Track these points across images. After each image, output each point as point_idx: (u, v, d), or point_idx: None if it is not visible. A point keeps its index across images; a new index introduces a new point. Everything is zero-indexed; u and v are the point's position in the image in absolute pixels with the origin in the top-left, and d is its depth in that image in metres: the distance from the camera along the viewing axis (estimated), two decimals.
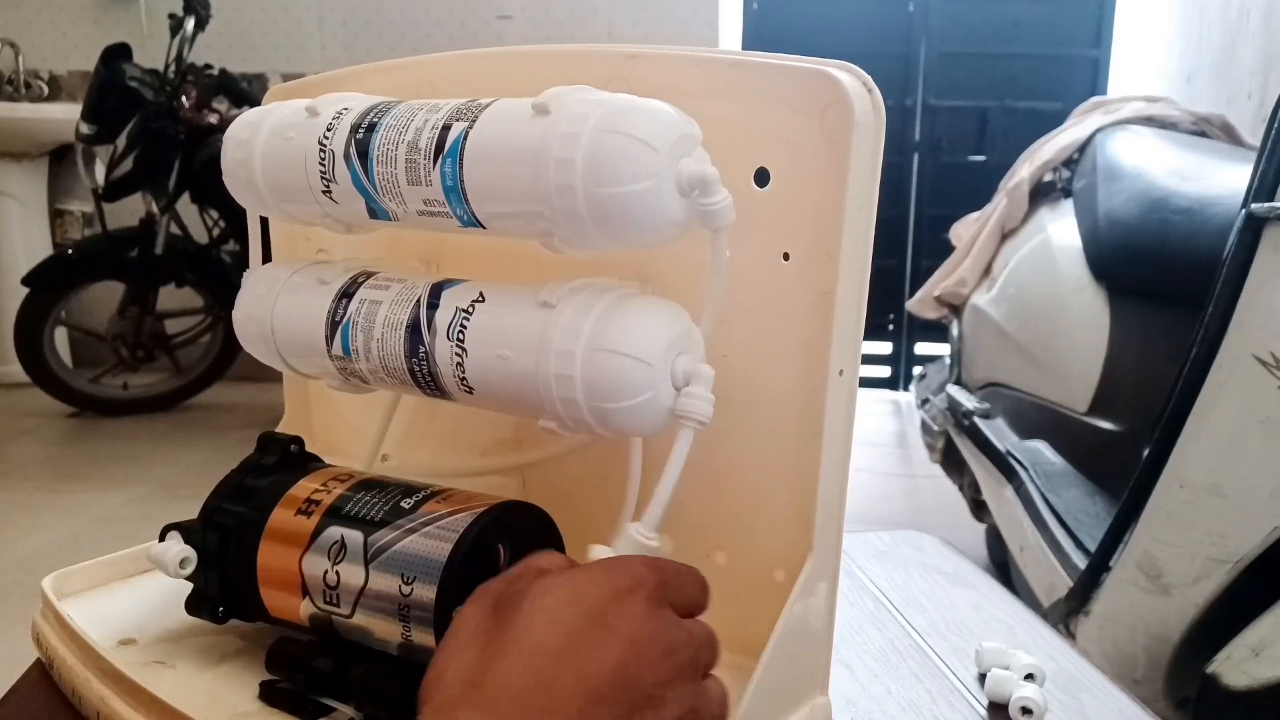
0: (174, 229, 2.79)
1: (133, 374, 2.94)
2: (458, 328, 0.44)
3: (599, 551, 0.40)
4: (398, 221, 0.47)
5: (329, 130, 0.47)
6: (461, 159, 0.42)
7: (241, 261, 2.83)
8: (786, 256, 0.45)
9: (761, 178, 0.45)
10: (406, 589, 0.42)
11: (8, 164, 3.13)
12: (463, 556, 0.42)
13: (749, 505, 0.49)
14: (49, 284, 2.79)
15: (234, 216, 2.76)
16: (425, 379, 0.46)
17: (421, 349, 0.45)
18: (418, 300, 0.46)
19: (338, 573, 0.44)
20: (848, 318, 0.44)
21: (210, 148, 2.68)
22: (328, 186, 0.47)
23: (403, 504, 0.45)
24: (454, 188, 0.42)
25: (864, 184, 0.43)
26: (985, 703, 0.52)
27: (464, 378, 0.45)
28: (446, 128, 0.43)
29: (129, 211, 2.83)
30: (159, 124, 2.61)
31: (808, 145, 0.43)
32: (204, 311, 2.96)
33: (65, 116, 2.89)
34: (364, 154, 0.45)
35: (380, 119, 0.45)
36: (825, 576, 0.47)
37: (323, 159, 0.47)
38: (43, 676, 0.52)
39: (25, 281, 2.77)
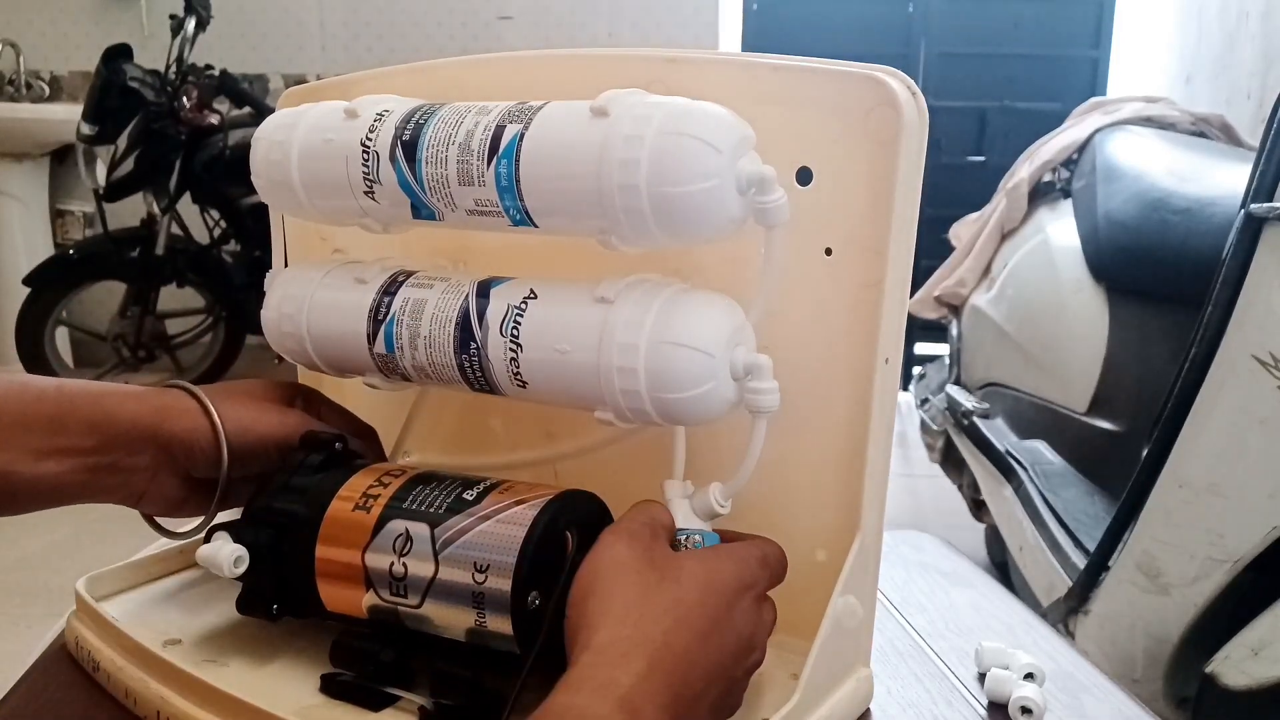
0: (175, 229, 2.78)
1: (134, 374, 2.94)
2: (511, 324, 0.45)
3: (674, 488, 0.46)
4: (442, 221, 0.48)
5: (372, 132, 0.47)
6: (518, 160, 0.43)
7: (243, 261, 2.83)
8: (829, 251, 0.47)
9: (803, 176, 0.46)
10: (480, 578, 0.43)
11: (9, 164, 3.13)
12: (536, 545, 0.43)
13: (792, 489, 0.50)
14: (50, 284, 2.79)
15: (235, 217, 2.76)
16: (475, 374, 0.47)
17: (473, 344, 0.47)
18: (466, 297, 0.47)
19: (405, 565, 0.44)
20: (893, 309, 0.45)
21: (211, 148, 2.67)
22: (370, 187, 0.48)
23: (465, 496, 0.46)
24: (509, 188, 0.44)
25: (910, 182, 0.44)
26: (985, 702, 0.53)
27: (518, 372, 0.46)
28: (500, 129, 0.44)
29: (130, 212, 2.83)
30: (160, 124, 2.61)
31: (851, 146, 0.45)
32: (205, 312, 2.96)
33: (66, 117, 2.88)
34: (411, 155, 0.46)
35: (426, 120, 0.46)
36: (871, 557, 0.48)
37: (366, 160, 0.48)
38: (49, 674, 0.52)
39: (26, 282, 2.76)
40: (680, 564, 0.41)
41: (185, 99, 2.63)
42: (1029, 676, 0.53)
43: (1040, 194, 1.83)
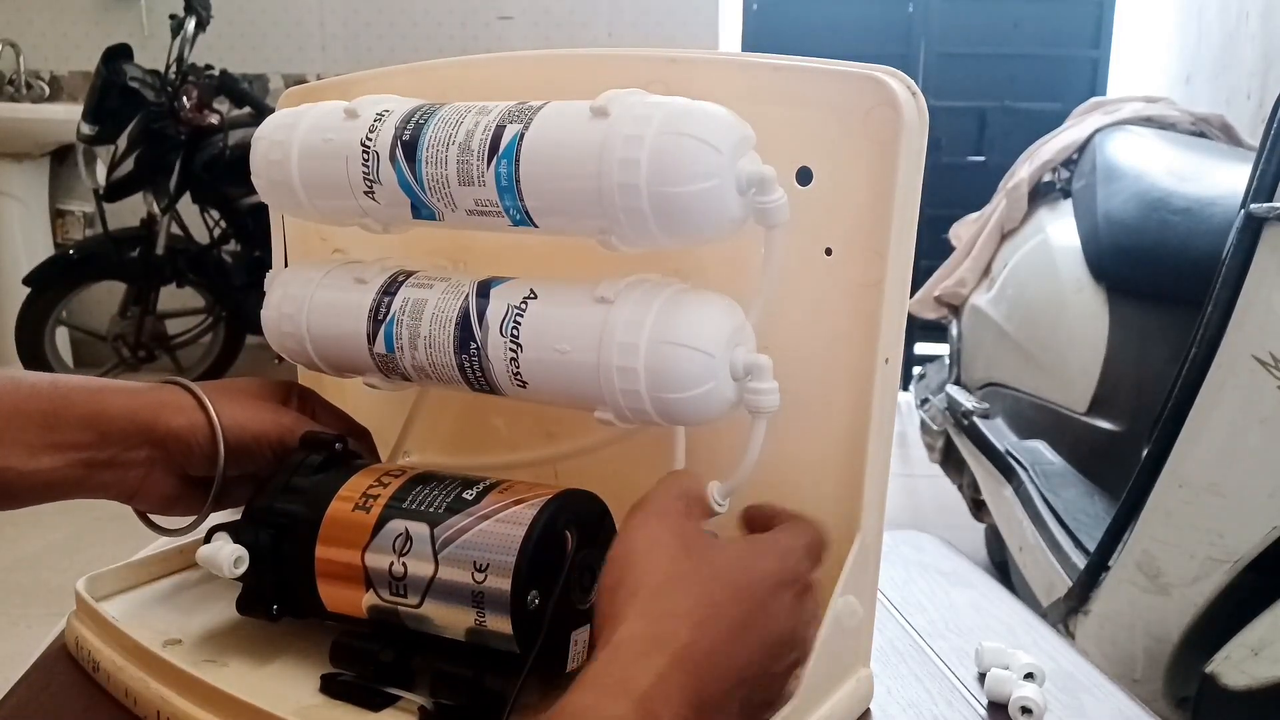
0: (175, 229, 2.79)
1: (134, 374, 2.94)
2: (511, 324, 0.46)
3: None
4: (442, 221, 0.48)
5: (371, 132, 0.48)
6: (518, 160, 0.43)
7: (243, 261, 2.83)
8: (829, 252, 0.47)
9: (803, 176, 0.46)
10: (479, 577, 0.43)
11: (9, 164, 3.13)
12: (535, 544, 0.43)
13: (792, 489, 0.50)
14: (50, 284, 2.79)
15: (235, 217, 2.76)
16: (475, 374, 0.47)
17: (473, 345, 0.47)
18: (466, 297, 0.47)
19: (405, 565, 0.44)
20: (893, 309, 0.45)
21: (211, 148, 2.68)
22: (370, 187, 0.48)
23: (464, 495, 0.46)
24: (509, 188, 0.44)
25: (910, 182, 0.45)
26: (985, 702, 0.53)
27: (518, 372, 0.46)
28: (500, 129, 0.44)
29: (130, 212, 2.83)
30: (160, 124, 2.61)
31: (851, 146, 0.45)
32: (205, 311, 2.96)
33: (66, 117, 2.88)
34: (411, 155, 0.46)
35: (426, 120, 0.46)
36: (871, 557, 0.48)
37: (366, 160, 0.48)
38: (49, 674, 0.52)
39: (26, 281, 2.77)
40: (716, 554, 0.39)
41: (185, 99, 2.63)
42: (1029, 676, 0.53)
43: (1040, 194, 1.83)
